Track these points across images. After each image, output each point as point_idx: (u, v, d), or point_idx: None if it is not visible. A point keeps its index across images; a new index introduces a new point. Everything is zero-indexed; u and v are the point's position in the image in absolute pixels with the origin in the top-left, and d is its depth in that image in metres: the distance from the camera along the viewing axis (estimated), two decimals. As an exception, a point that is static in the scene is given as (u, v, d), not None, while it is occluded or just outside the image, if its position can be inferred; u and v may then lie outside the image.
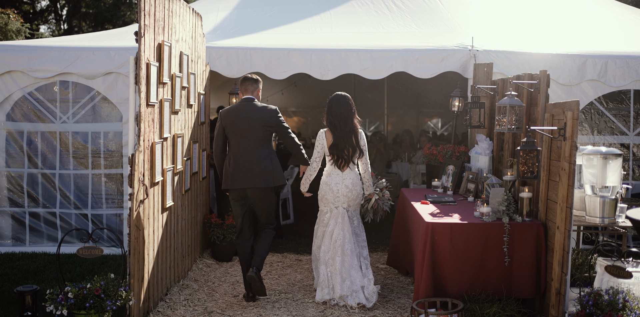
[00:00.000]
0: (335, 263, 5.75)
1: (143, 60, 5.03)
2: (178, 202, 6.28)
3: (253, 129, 5.87)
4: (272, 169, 5.88)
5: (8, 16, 22.64)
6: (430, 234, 5.12)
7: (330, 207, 5.98)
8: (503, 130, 5.26)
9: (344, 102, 5.93)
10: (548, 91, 5.44)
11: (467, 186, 6.62)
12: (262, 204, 5.97)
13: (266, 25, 9.21)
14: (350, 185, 5.93)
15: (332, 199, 5.94)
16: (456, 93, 7.94)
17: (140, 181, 5.02)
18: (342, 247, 5.78)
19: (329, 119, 5.95)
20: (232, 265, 7.28)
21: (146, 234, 5.22)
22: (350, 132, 5.89)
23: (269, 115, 5.92)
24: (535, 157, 4.64)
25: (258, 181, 5.83)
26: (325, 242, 5.89)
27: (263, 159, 5.85)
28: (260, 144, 5.89)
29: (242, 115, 5.90)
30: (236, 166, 5.86)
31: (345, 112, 5.90)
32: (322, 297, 5.79)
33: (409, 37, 8.73)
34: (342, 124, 5.88)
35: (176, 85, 6.04)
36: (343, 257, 5.76)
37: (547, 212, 5.12)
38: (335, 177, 5.95)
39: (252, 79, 6.07)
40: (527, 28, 9.38)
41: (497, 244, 5.11)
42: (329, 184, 5.95)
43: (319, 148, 5.97)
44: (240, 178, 5.85)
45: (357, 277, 5.75)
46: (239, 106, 5.98)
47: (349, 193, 5.92)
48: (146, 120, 5.17)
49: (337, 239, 5.80)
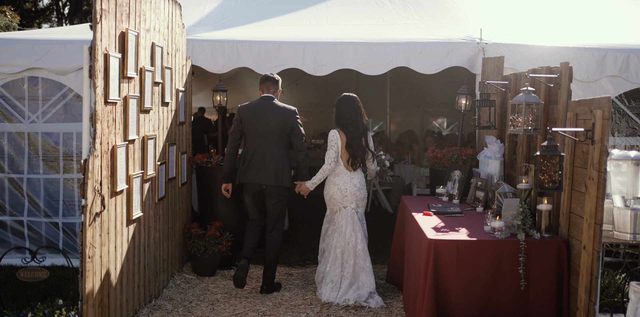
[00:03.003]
0: (348, 266, 5.79)
1: (99, 50, 4.33)
2: (149, 212, 5.57)
3: (270, 127, 5.97)
4: (283, 169, 5.99)
5: (4, 14, 22.06)
6: (434, 252, 4.40)
7: (339, 206, 5.97)
8: (518, 132, 4.53)
9: (352, 104, 5.95)
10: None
11: (475, 194, 5.90)
12: (274, 202, 6.06)
13: (256, 17, 8.50)
14: (359, 184, 5.95)
15: (340, 198, 5.93)
16: (463, 90, 7.20)
17: (95, 190, 4.32)
18: (354, 248, 5.81)
19: (339, 121, 5.97)
20: (214, 280, 6.57)
21: (104, 252, 4.51)
22: (361, 134, 5.93)
23: (288, 114, 6.03)
24: (558, 164, 3.91)
25: (272, 178, 5.96)
26: (340, 243, 5.86)
27: (278, 159, 5.97)
28: (276, 143, 6.00)
29: (261, 113, 6.00)
30: (251, 162, 5.98)
31: (355, 114, 5.93)
32: (328, 298, 5.77)
33: (412, 30, 8.02)
34: (353, 126, 5.91)
35: (146, 81, 5.34)
36: (355, 259, 5.80)
37: (570, 227, 4.39)
38: (344, 176, 5.94)
39: (274, 80, 6.18)
40: (540, 19, 8.66)
41: (511, 264, 4.38)
42: (337, 183, 5.94)
43: (335, 148, 5.91)
44: (254, 174, 5.97)
45: (367, 282, 5.78)
46: (259, 103, 6.07)
47: (357, 192, 5.92)
48: (104, 120, 4.46)
49: (349, 241, 5.83)
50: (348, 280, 5.76)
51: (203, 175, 7.04)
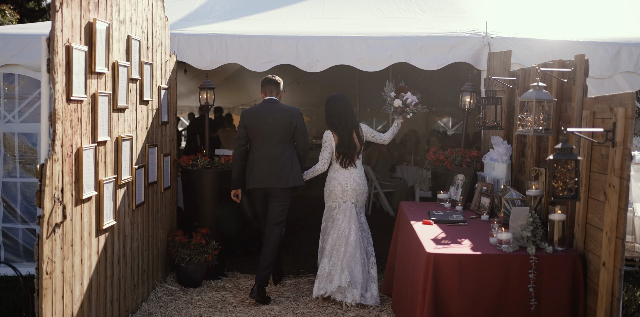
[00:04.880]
0: (338, 254, 5.75)
1: (59, 41, 3.87)
2: (125, 220, 5.12)
3: (276, 130, 5.90)
4: (292, 170, 5.92)
5: (3, 12, 21.72)
6: (433, 267, 3.92)
7: (338, 202, 5.99)
8: (527, 133, 4.05)
9: (339, 102, 6.03)
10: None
11: (480, 200, 5.42)
12: (277, 204, 5.98)
13: (249, 10, 8.05)
14: (359, 179, 5.99)
15: (340, 193, 5.97)
16: (467, 87, 6.71)
17: (55, 198, 3.86)
18: (347, 238, 5.78)
19: (329, 122, 6.07)
20: (200, 292, 6.11)
21: (67, 266, 4.06)
22: (351, 130, 5.97)
23: (292, 114, 5.95)
24: (574, 170, 3.42)
25: (278, 181, 5.88)
26: (333, 236, 5.87)
27: (284, 160, 5.90)
28: (282, 145, 5.93)
29: (265, 116, 5.91)
30: (258, 166, 5.91)
31: (342, 112, 5.99)
32: (317, 292, 5.73)
33: (413, 23, 7.55)
34: (342, 123, 5.97)
35: (119, 77, 4.88)
36: (346, 247, 5.74)
37: (587, 240, 3.91)
38: (344, 172, 5.99)
39: (276, 83, 6.07)
40: (549, 12, 8.19)
41: (520, 281, 3.90)
42: (337, 178, 5.99)
43: (329, 149, 6.02)
44: (260, 178, 5.90)
45: (358, 272, 5.69)
46: (262, 107, 6.01)
47: (357, 187, 5.96)
48: (67, 120, 4.01)
49: (343, 232, 5.81)
50: (338, 267, 5.68)
51: (188, 179, 6.59)
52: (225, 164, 6.54)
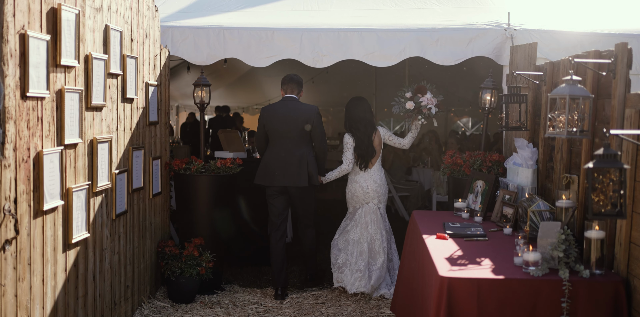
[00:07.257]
0: (378, 262, 5.91)
1: (11, 28, 3.33)
2: (103, 232, 4.57)
3: (294, 128, 5.89)
4: (308, 169, 5.90)
5: None
6: (447, 294, 3.32)
7: (361, 203, 6.09)
8: (560, 135, 3.42)
9: (360, 105, 6.14)
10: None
11: (502, 210, 4.80)
12: (301, 203, 6.06)
13: (252, 2, 7.45)
14: (379, 180, 6.08)
15: (362, 195, 6.06)
16: (487, 84, 6.07)
17: (5, 210, 3.32)
18: (381, 246, 5.94)
19: (347, 125, 6.15)
20: (192, 308, 5.56)
21: (24, 288, 3.51)
22: (370, 133, 6.05)
23: (310, 112, 5.95)
24: (619, 181, 2.80)
25: (297, 179, 5.87)
26: (360, 233, 5.98)
27: (301, 158, 5.88)
28: (299, 143, 5.93)
29: (284, 114, 5.93)
30: (275, 163, 5.91)
31: (361, 115, 6.08)
32: (358, 288, 5.82)
33: (428, 15, 6.92)
34: (362, 126, 6.05)
35: (94, 71, 4.33)
36: (370, 253, 5.93)
37: (630, 262, 3.28)
38: (364, 174, 6.08)
39: (299, 81, 6.16)
40: (576, 1, 7.52)
41: (551, 311, 3.28)
42: (358, 181, 6.08)
43: (352, 150, 6.06)
44: (279, 175, 5.89)
45: (379, 277, 5.88)
46: (282, 104, 6.03)
47: (378, 188, 6.05)
48: (22, 119, 3.46)
49: (375, 238, 5.96)
50: (376, 274, 5.86)
51: (181, 183, 6.03)
52: (222, 167, 5.98)
